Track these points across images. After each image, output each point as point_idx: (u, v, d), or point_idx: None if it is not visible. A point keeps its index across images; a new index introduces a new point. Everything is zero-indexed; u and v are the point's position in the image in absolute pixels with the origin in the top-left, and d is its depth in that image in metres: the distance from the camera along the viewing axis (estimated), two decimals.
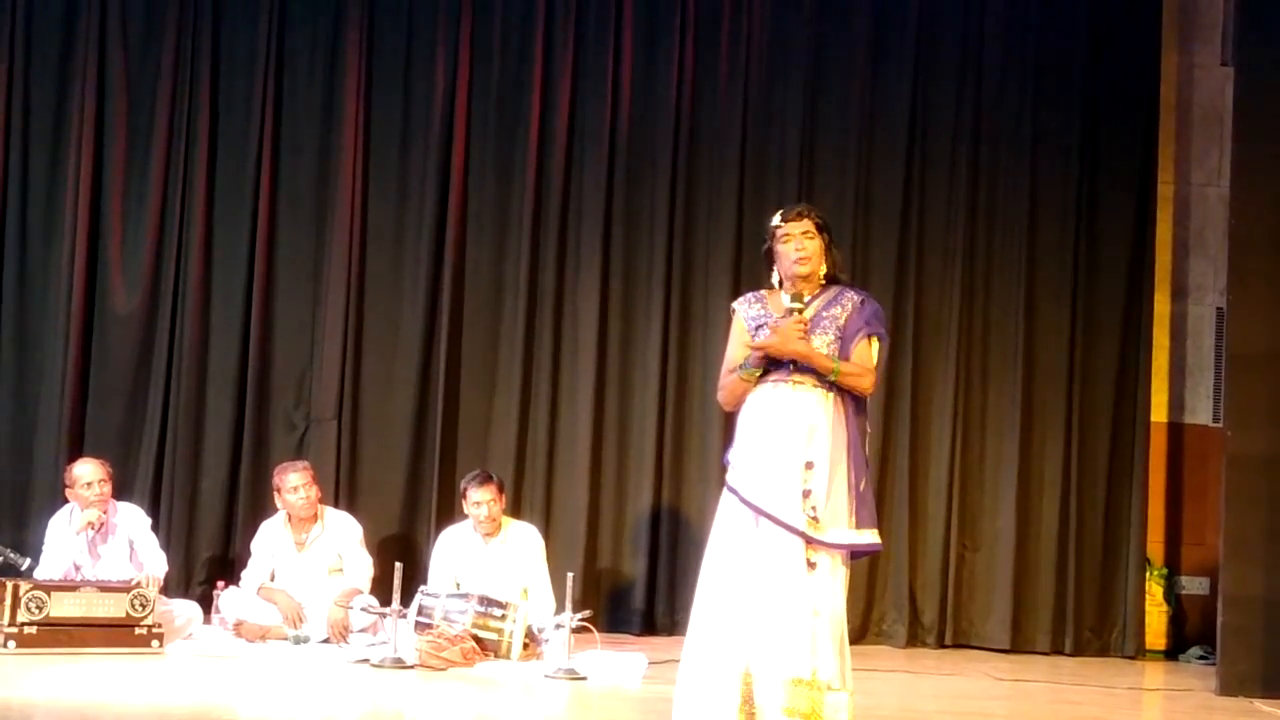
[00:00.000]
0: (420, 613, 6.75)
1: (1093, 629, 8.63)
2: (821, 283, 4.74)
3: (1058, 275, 8.79)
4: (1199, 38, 9.14)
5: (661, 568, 8.45)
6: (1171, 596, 8.79)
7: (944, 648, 8.49)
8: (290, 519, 7.45)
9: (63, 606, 6.50)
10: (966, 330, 8.76)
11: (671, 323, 8.61)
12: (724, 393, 4.79)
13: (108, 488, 7.09)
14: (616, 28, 8.68)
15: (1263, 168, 7.15)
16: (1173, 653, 8.70)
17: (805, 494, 4.50)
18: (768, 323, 4.69)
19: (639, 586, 8.44)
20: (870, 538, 4.61)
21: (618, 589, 8.51)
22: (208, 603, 7.45)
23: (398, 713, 5.70)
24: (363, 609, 7.01)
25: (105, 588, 6.66)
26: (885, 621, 8.59)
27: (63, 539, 7.04)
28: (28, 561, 7.03)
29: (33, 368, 8.38)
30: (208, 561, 8.26)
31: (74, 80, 8.43)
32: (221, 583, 7.50)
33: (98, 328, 8.39)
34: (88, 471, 7.08)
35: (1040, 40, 8.89)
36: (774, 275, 4.78)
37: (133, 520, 7.18)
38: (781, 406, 4.59)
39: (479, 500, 7.27)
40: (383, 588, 7.15)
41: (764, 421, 4.61)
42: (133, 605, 6.63)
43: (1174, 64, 9.09)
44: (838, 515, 4.53)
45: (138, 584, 6.73)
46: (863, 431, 4.68)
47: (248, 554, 7.58)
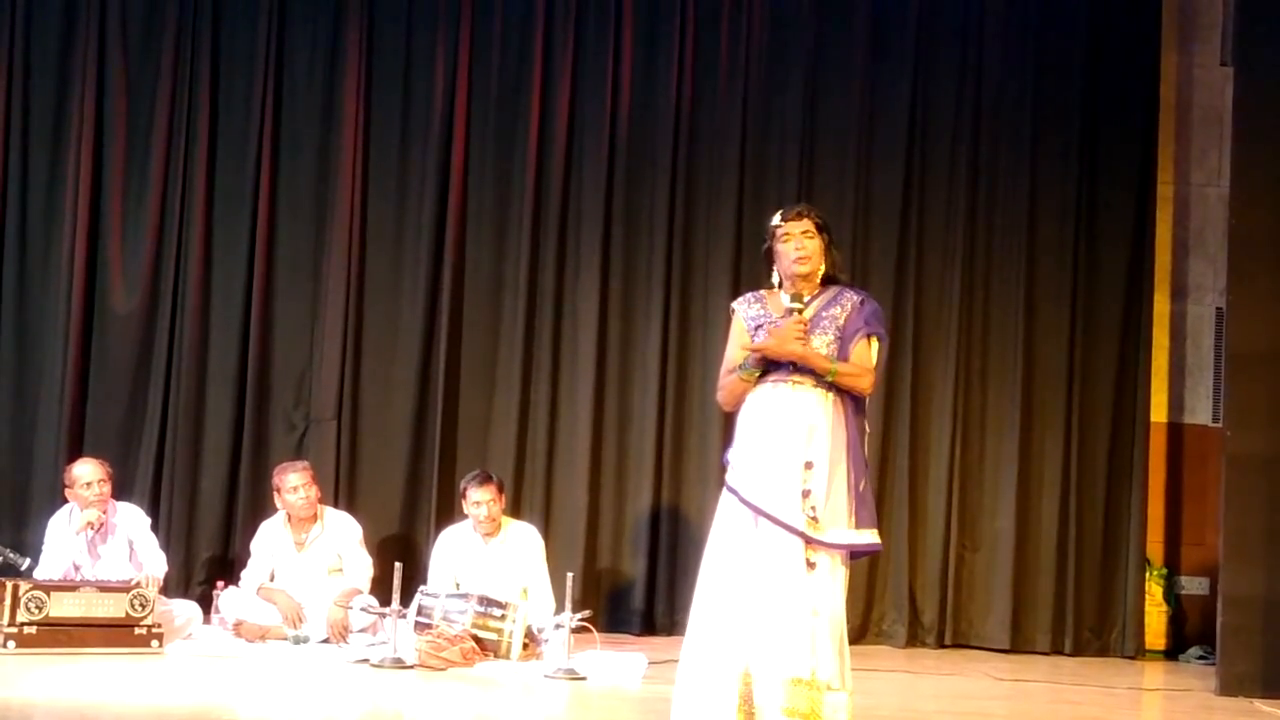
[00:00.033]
0: (420, 613, 6.74)
1: (1092, 629, 8.62)
2: (821, 283, 4.74)
3: (1057, 275, 8.78)
4: (1199, 38, 9.14)
5: (661, 568, 8.45)
6: (1171, 596, 8.79)
7: (944, 648, 8.49)
8: (290, 519, 7.45)
9: (62, 606, 6.50)
10: (966, 330, 8.75)
11: (671, 323, 8.61)
12: (723, 393, 4.79)
13: (107, 488, 7.09)
14: (616, 28, 8.68)
15: (1262, 168, 7.14)
16: (1172, 653, 8.70)
17: (805, 494, 4.50)
18: (767, 323, 4.69)
19: (638, 586, 8.44)
20: (870, 538, 4.60)
21: (617, 589, 8.51)
22: (207, 603, 7.45)
23: (397, 713, 5.69)
24: (362, 609, 7.01)
25: (105, 588, 6.66)
26: (885, 621, 8.59)
27: (62, 539, 7.04)
28: (27, 561, 7.03)
29: (32, 368, 8.38)
30: (207, 561, 8.26)
31: (74, 80, 8.43)
32: (221, 583, 7.49)
33: (97, 327, 8.39)
34: (87, 471, 7.07)
35: (1040, 40, 8.89)
36: (773, 275, 4.78)
37: (132, 520, 7.18)
38: (781, 406, 4.59)
39: (479, 500, 7.27)
40: (382, 588, 7.14)
41: (763, 421, 4.60)
42: (132, 605, 6.63)
43: (1174, 64, 9.08)
44: (837, 515, 4.53)
45: (137, 584, 6.73)
46: (862, 431, 4.67)
47: (247, 554, 7.58)
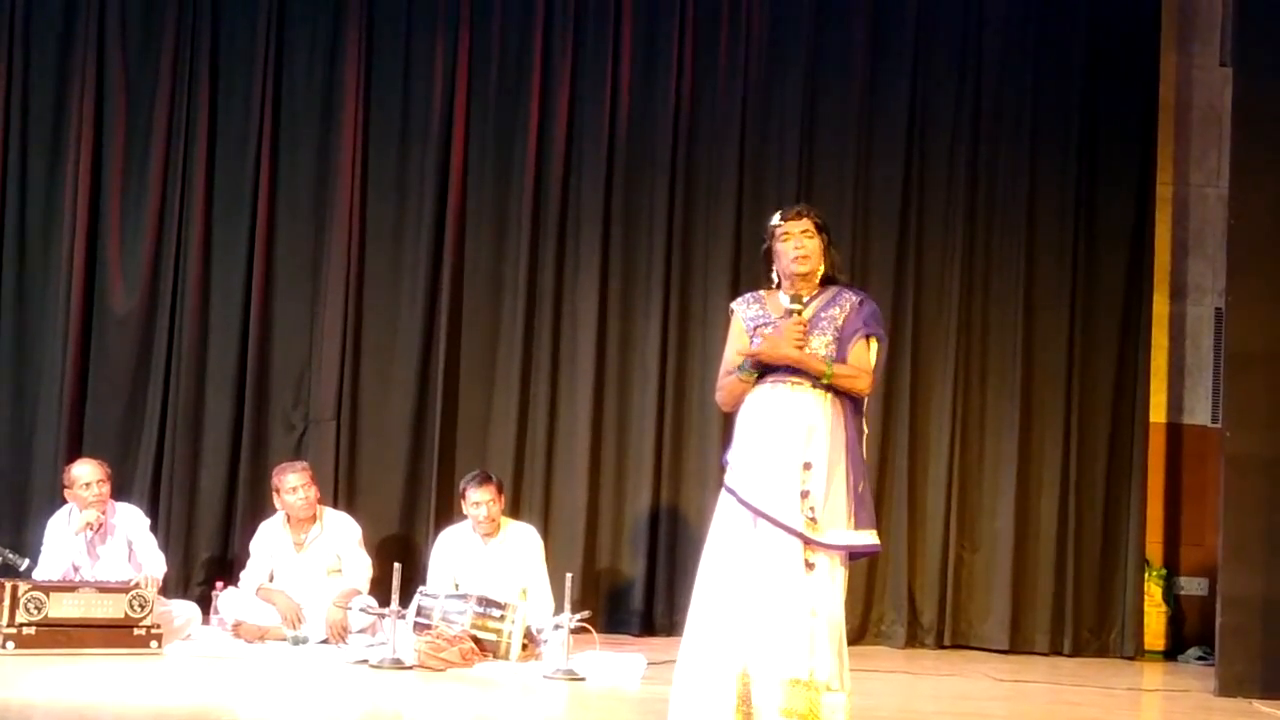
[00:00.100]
0: (419, 613, 6.74)
1: (1091, 629, 8.62)
2: (820, 283, 4.74)
3: (1057, 275, 8.78)
4: (1198, 38, 9.14)
5: (660, 568, 8.45)
6: (1170, 597, 8.79)
7: (943, 648, 8.49)
8: (289, 519, 7.45)
9: (61, 607, 6.50)
10: (965, 330, 8.75)
11: (670, 323, 8.60)
12: (722, 393, 4.79)
13: (106, 488, 7.09)
14: (615, 28, 8.68)
15: (1261, 168, 7.14)
16: (1171, 653, 8.70)
17: (804, 495, 4.50)
18: (766, 323, 4.69)
19: (638, 587, 8.43)
20: (869, 538, 4.60)
21: (616, 589, 8.51)
22: (206, 603, 7.44)
23: (396, 713, 5.69)
24: (361, 610, 7.00)
25: (104, 588, 6.66)
26: (884, 622, 8.58)
27: (61, 540, 7.04)
28: (26, 562, 7.02)
29: (32, 368, 8.38)
30: (206, 562, 8.26)
31: (73, 80, 8.42)
32: (220, 583, 7.48)
33: (97, 327, 8.38)
34: (86, 472, 7.07)
35: (1040, 40, 8.88)
36: (772, 275, 4.78)
37: (131, 521, 7.18)
38: (780, 407, 4.59)
39: (478, 500, 7.27)
40: (381, 588, 7.14)
41: (762, 422, 4.60)
42: (131, 606, 6.63)
43: (1173, 65, 9.08)
44: (836, 516, 4.53)
45: (136, 585, 6.73)
46: (860, 432, 4.67)
47: (246, 554, 7.58)
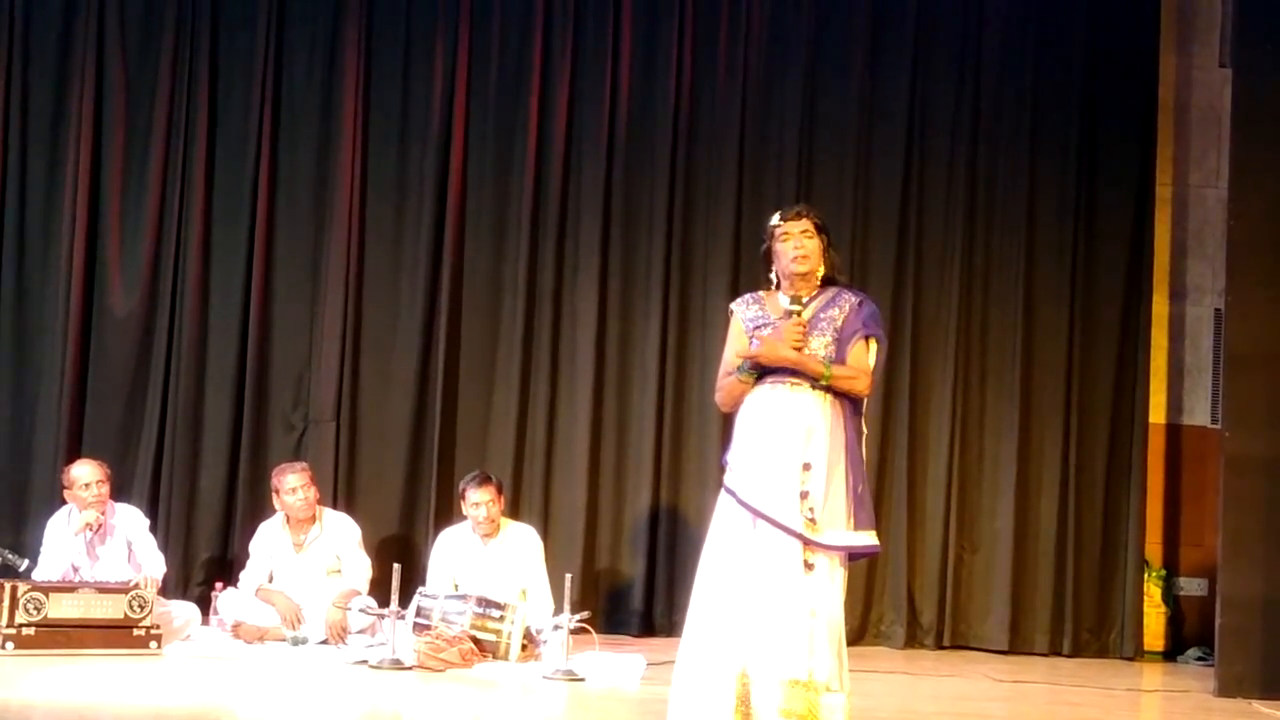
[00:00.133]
0: (418, 614, 6.74)
1: (1091, 630, 8.61)
2: (819, 283, 4.74)
3: (1056, 276, 8.78)
4: (1197, 39, 9.13)
5: (660, 569, 8.44)
6: (1170, 597, 8.78)
7: (942, 649, 8.49)
8: (288, 520, 7.45)
9: (61, 608, 6.50)
10: (965, 330, 8.75)
11: (670, 323, 8.60)
12: (721, 394, 4.79)
13: (106, 489, 7.09)
14: (615, 27, 8.67)
15: (1261, 169, 7.14)
16: (1171, 654, 8.69)
17: (803, 495, 4.50)
18: (766, 324, 4.69)
19: (637, 587, 8.43)
20: (868, 539, 4.60)
21: (616, 590, 8.51)
22: (206, 604, 7.44)
23: (396, 714, 5.69)
24: (361, 610, 7.00)
25: (103, 589, 6.66)
26: (883, 623, 8.58)
27: (61, 540, 7.04)
28: (26, 563, 7.03)
29: (31, 368, 8.38)
30: (206, 562, 8.27)
31: (72, 80, 8.43)
32: (220, 584, 7.48)
33: (96, 328, 8.39)
34: (86, 473, 7.07)
35: (1039, 41, 8.88)
36: (772, 275, 4.78)
37: (131, 521, 7.18)
38: (779, 408, 4.59)
39: (478, 501, 7.27)
40: (381, 589, 7.13)
41: (762, 423, 4.60)
42: (131, 606, 6.63)
43: (1172, 65, 9.08)
44: (835, 517, 4.53)
45: (136, 585, 6.73)
46: (859, 432, 4.67)
47: (246, 555, 7.58)
